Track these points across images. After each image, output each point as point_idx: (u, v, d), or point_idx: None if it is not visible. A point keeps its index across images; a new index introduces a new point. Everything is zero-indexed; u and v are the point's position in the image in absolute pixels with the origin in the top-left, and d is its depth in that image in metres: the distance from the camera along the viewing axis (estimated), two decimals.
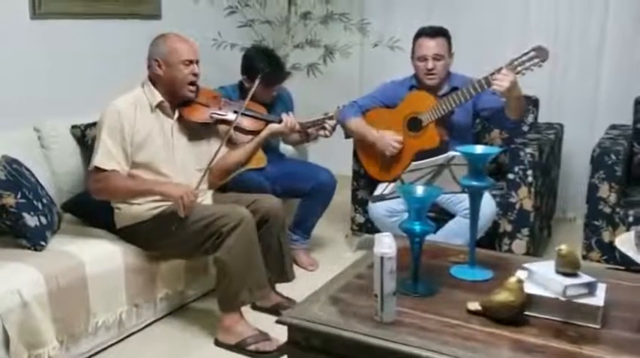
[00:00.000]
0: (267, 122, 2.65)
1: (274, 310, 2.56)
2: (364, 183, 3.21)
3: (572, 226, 3.70)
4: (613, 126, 3.36)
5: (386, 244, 1.54)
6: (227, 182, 2.91)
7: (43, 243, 2.24)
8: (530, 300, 1.57)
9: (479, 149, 1.84)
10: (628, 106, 3.31)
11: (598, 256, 2.87)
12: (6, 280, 1.97)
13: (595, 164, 2.83)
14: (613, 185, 2.80)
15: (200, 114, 2.49)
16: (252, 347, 2.31)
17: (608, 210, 2.81)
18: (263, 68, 2.95)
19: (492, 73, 2.63)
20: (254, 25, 3.81)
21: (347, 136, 3.13)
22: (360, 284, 1.81)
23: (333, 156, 3.58)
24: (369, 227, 3.21)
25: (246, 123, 2.61)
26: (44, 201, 2.35)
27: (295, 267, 2.73)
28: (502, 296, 1.55)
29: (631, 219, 2.74)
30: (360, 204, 3.25)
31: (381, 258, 1.54)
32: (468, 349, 1.45)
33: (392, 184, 2.26)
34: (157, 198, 2.35)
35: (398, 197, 2.28)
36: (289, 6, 3.82)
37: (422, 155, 2.80)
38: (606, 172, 2.80)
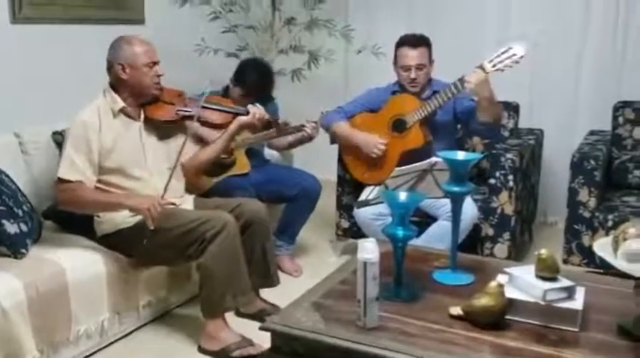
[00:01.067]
0: (235, 114, 2.60)
1: (258, 316, 2.56)
2: (349, 189, 3.22)
3: (553, 230, 3.73)
4: (592, 132, 3.41)
5: (369, 250, 1.55)
6: (211, 187, 2.91)
7: (23, 250, 2.21)
8: (511, 304, 1.59)
9: (460, 155, 1.86)
10: (607, 112, 3.35)
11: (578, 260, 2.90)
12: None
13: (575, 169, 2.87)
14: (592, 190, 2.84)
15: (166, 113, 2.48)
16: (236, 353, 2.30)
17: (587, 214, 2.85)
18: (251, 76, 2.97)
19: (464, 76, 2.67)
20: (238, 31, 3.81)
21: (332, 141, 3.14)
22: (343, 290, 1.82)
23: (318, 161, 3.59)
24: (354, 232, 3.22)
25: (213, 116, 2.57)
26: (25, 208, 2.33)
27: (280, 273, 2.73)
28: (483, 301, 1.57)
29: (610, 223, 2.78)
30: (344, 209, 3.26)
31: (364, 264, 1.55)
32: (451, 354, 1.47)
33: (376, 189, 2.28)
34: None
35: (382, 202, 2.29)
36: (273, 11, 3.83)
37: (407, 154, 2.84)
38: (586, 177, 2.84)
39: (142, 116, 2.45)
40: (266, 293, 2.66)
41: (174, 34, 3.45)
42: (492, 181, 2.87)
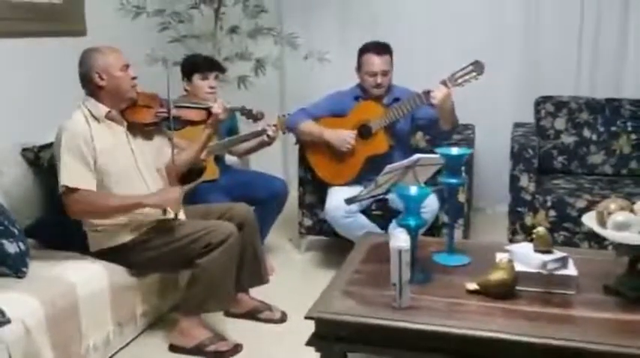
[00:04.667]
0: (207, 109, 2.69)
1: (250, 314, 2.68)
2: (311, 188, 3.38)
3: (486, 215, 4.13)
4: (517, 124, 3.81)
5: (402, 239, 1.75)
6: (185, 194, 2.97)
7: (24, 269, 2.19)
8: (518, 276, 1.85)
9: (454, 151, 2.11)
10: (528, 107, 3.77)
11: (522, 238, 3.26)
12: (7, 310, 1.92)
13: (515, 158, 3.23)
14: (531, 175, 3.21)
15: (146, 115, 2.53)
16: (210, 348, 2.42)
17: (528, 197, 3.22)
18: (196, 59, 3.18)
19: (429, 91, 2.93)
20: (184, 41, 3.86)
21: (298, 141, 3.28)
22: (362, 278, 2.01)
23: (273, 165, 3.71)
24: (317, 229, 3.39)
25: (190, 114, 2.65)
26: (18, 226, 2.29)
27: None
28: (498, 275, 1.82)
29: (549, 203, 3.17)
30: (307, 208, 3.41)
31: (399, 251, 1.74)
32: (479, 322, 1.71)
33: (368, 186, 2.47)
34: (136, 219, 2.40)
35: (370, 198, 2.50)
36: (215, 21, 3.90)
37: (372, 159, 3.06)
38: (525, 164, 3.21)
39: (125, 122, 2.49)
40: None
41: (118, 45, 3.43)
42: None
